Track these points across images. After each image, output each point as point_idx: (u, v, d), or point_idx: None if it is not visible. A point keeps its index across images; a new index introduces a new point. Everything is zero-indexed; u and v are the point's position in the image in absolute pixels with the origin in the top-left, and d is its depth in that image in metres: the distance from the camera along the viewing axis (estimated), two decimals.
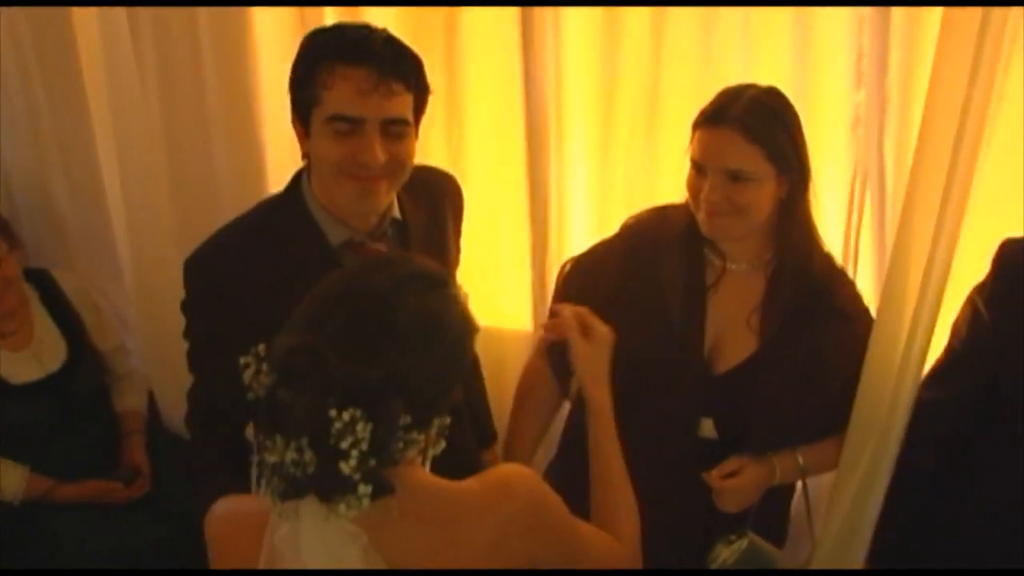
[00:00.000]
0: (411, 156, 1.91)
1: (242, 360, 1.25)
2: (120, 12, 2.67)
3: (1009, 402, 1.93)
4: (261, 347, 1.25)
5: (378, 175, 1.86)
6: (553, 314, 2.00)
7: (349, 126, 1.80)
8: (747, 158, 1.97)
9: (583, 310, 1.92)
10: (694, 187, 2.04)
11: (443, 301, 1.34)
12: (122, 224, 2.98)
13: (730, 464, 2.09)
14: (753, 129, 1.96)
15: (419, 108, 1.91)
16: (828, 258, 2.18)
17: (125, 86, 2.75)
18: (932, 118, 1.96)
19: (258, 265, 1.92)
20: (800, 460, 2.16)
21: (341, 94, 1.79)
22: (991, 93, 1.87)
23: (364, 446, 1.18)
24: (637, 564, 1.64)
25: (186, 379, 2.91)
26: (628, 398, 1.86)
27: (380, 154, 1.82)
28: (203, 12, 2.74)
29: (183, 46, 2.82)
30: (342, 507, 1.21)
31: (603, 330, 1.87)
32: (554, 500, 1.46)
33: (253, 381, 1.25)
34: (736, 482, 2.08)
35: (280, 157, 2.81)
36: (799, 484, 2.28)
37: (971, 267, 2.05)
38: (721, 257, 2.14)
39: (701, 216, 2.04)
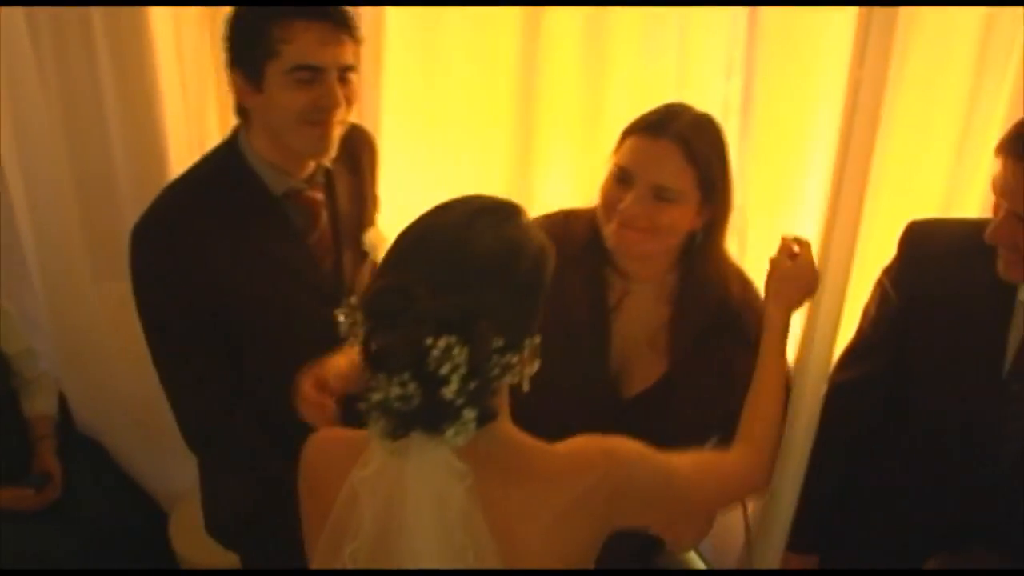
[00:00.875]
0: (356, 101, 2.02)
1: (336, 313, 1.30)
2: (18, 12, 2.59)
3: (916, 381, 1.94)
4: (352, 299, 1.30)
5: (334, 119, 1.96)
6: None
7: (311, 74, 1.90)
8: (680, 177, 1.87)
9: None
10: (612, 196, 1.90)
11: (516, 228, 1.37)
12: (27, 224, 2.88)
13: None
14: (694, 150, 1.86)
15: (358, 57, 2.00)
16: (745, 286, 2.07)
17: (25, 86, 2.66)
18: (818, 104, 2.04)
19: (207, 221, 1.98)
20: None
21: (303, 46, 1.89)
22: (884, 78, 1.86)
23: (463, 370, 1.21)
24: (762, 479, 1.81)
25: (98, 381, 2.91)
26: (539, 420, 1.78)
27: (342, 99, 1.94)
28: (96, 11, 2.67)
29: (79, 45, 2.74)
30: (450, 433, 1.24)
31: (807, 257, 1.94)
32: (641, 468, 1.47)
33: (350, 332, 1.29)
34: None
35: (180, 152, 2.78)
36: None
37: (885, 251, 2.04)
38: (623, 277, 2.04)
39: (611, 227, 1.91)
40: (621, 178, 1.89)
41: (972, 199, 2.26)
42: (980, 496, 1.87)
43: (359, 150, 2.24)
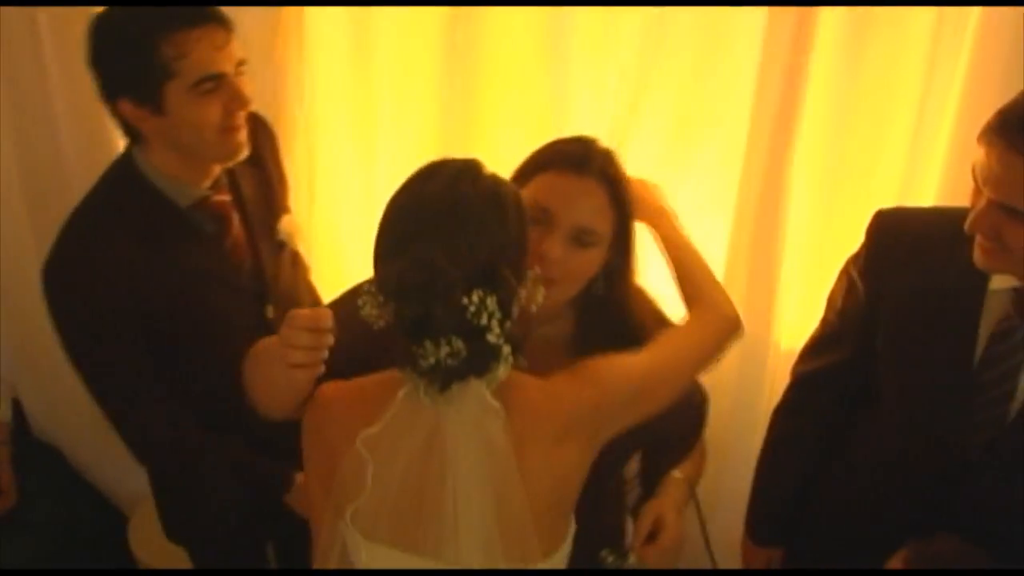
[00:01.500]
0: (252, 80, 1.94)
1: (359, 301, 1.39)
2: None
3: (883, 372, 1.92)
4: (370, 285, 1.39)
5: (242, 121, 1.91)
6: None
7: (215, 83, 1.83)
8: (603, 220, 1.70)
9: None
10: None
11: (489, 178, 1.47)
12: None
13: (644, 522, 1.89)
14: (617, 190, 1.71)
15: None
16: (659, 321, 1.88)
17: None
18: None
19: (118, 248, 1.90)
20: (678, 474, 1.98)
21: (200, 57, 1.80)
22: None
23: (498, 315, 1.35)
24: (732, 318, 1.78)
25: (55, 384, 2.85)
26: None
27: (248, 96, 1.88)
28: (42, 12, 2.60)
29: (25, 45, 2.67)
30: (501, 371, 1.39)
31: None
32: (616, 378, 1.56)
33: (372, 315, 1.39)
34: (668, 538, 1.88)
35: None
36: None
37: (846, 239, 2.03)
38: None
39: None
40: (540, 219, 1.66)
41: (928, 186, 2.25)
42: (949, 485, 1.85)
43: (258, 139, 2.13)
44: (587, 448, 1.55)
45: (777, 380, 2.41)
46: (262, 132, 2.17)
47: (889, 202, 2.21)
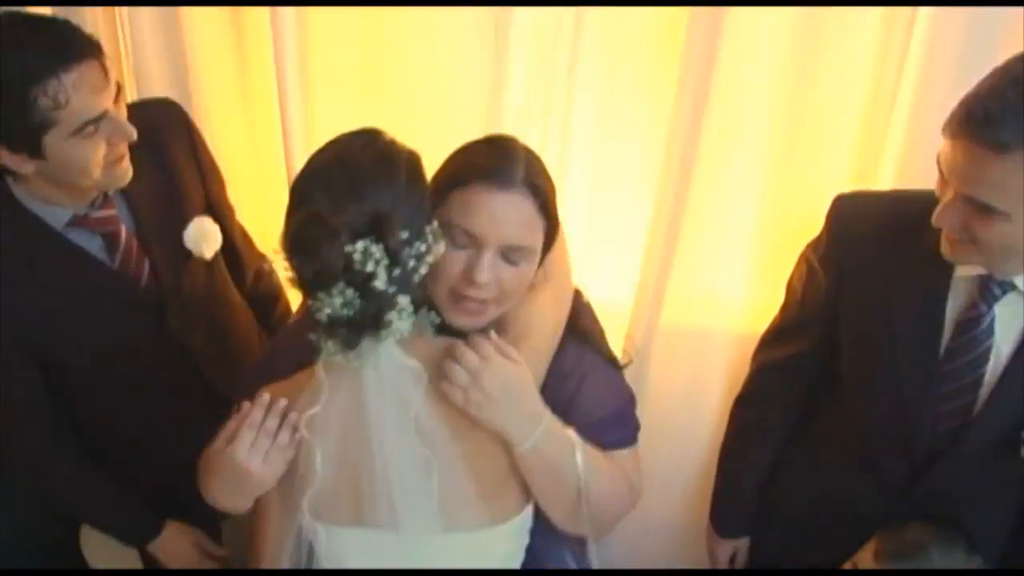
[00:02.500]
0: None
1: (264, 265, 1.46)
2: None
3: (847, 361, 1.87)
4: (273, 250, 1.41)
5: (126, 147, 1.81)
6: None
7: (95, 125, 1.71)
8: (532, 232, 1.55)
9: None
10: (454, 264, 1.52)
11: (384, 142, 1.49)
12: None
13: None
14: (543, 196, 1.54)
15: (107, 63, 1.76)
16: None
17: None
18: None
19: None
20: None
21: (78, 104, 1.67)
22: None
23: (384, 261, 1.36)
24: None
25: None
26: None
27: (130, 126, 1.77)
28: None
29: None
30: (392, 317, 1.39)
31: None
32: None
33: (289, 274, 1.41)
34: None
35: None
36: None
37: (804, 221, 1.98)
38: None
39: (455, 305, 1.56)
40: (463, 243, 1.52)
41: (886, 167, 2.19)
42: (917, 476, 1.81)
43: (164, 138, 2.01)
44: None
45: (730, 367, 2.36)
46: (171, 128, 2.05)
47: (845, 184, 2.16)
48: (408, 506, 1.47)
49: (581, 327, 1.71)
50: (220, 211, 2.12)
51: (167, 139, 2.01)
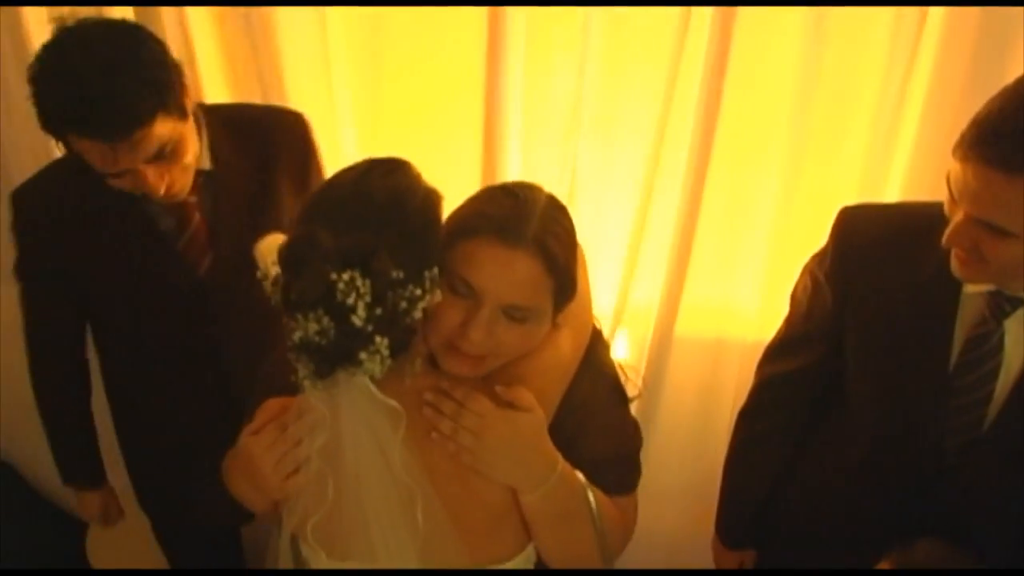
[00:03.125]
0: (191, 153, 1.84)
1: (258, 274, 1.37)
2: None
3: (854, 376, 1.82)
4: (272, 261, 1.37)
5: (170, 184, 1.82)
6: None
7: (118, 176, 1.77)
8: (538, 293, 1.44)
9: None
10: (451, 314, 1.43)
11: (405, 176, 1.42)
12: None
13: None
14: (553, 255, 1.42)
15: (174, 109, 1.76)
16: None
17: None
18: None
19: (68, 206, 1.93)
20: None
21: (94, 158, 1.73)
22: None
23: (367, 298, 1.28)
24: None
25: (8, 401, 2.75)
26: None
27: (160, 185, 1.79)
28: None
29: None
30: (364, 357, 1.30)
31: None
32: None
33: (272, 289, 1.35)
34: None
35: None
36: None
37: (810, 230, 1.95)
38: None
39: (449, 355, 1.46)
40: (463, 293, 1.43)
41: (893, 178, 2.15)
42: (925, 491, 1.77)
43: (274, 143, 2.04)
44: None
45: (743, 374, 2.32)
46: (289, 138, 2.07)
47: (852, 192, 2.13)
48: (387, 541, 1.41)
49: (593, 359, 1.62)
50: None
51: (279, 148, 2.03)
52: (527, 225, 1.41)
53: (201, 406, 2.12)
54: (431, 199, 1.42)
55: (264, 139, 2.02)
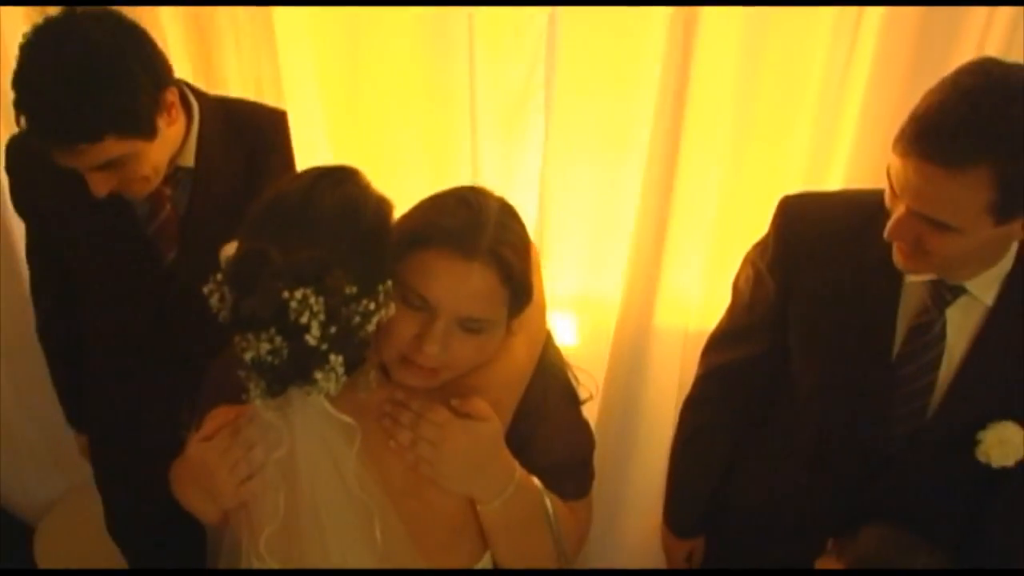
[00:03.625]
0: (147, 165, 1.81)
1: (205, 289, 1.30)
2: None
3: (798, 366, 1.82)
4: (218, 274, 1.31)
5: (123, 189, 1.83)
6: None
7: (72, 171, 1.76)
8: (493, 304, 1.41)
9: None
10: (404, 327, 1.38)
11: (355, 187, 1.38)
12: None
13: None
14: (508, 265, 1.39)
15: (132, 130, 1.73)
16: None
17: None
18: None
19: (53, 167, 1.81)
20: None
21: (55, 156, 1.72)
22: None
23: (321, 316, 1.24)
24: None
25: None
26: None
27: (103, 189, 1.78)
28: None
29: None
30: (319, 376, 1.26)
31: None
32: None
33: (219, 305, 1.30)
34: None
35: None
36: None
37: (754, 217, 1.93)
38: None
39: (401, 367, 1.42)
40: (417, 305, 1.38)
41: (836, 163, 2.14)
42: (870, 478, 1.77)
43: (261, 139, 2.02)
44: None
45: (686, 365, 2.32)
46: (275, 136, 2.06)
47: (795, 180, 2.12)
48: (345, 555, 1.38)
49: (545, 363, 1.59)
50: None
51: (267, 147, 2.02)
52: (481, 236, 1.37)
53: (161, 395, 2.07)
54: (383, 210, 1.39)
55: (254, 137, 2.00)
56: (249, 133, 2.01)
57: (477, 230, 1.37)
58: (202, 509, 1.47)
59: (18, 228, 2.30)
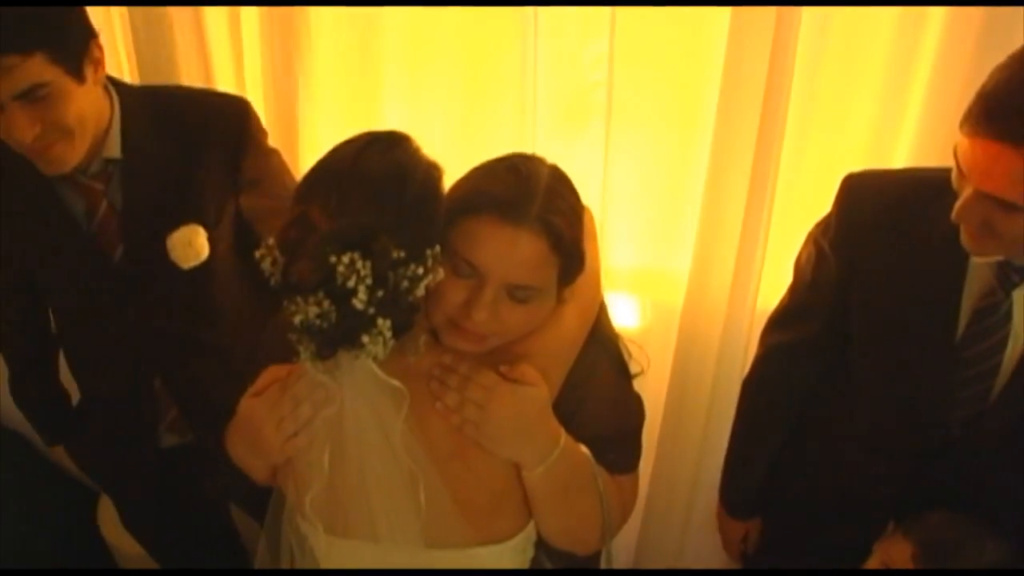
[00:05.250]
0: (72, 112, 1.73)
1: (257, 253, 1.31)
2: None
3: (860, 346, 1.78)
4: (270, 239, 1.32)
5: (44, 144, 1.73)
6: None
7: None
8: (543, 272, 1.40)
9: None
10: (453, 294, 1.38)
11: (404, 152, 1.37)
12: None
13: None
14: (558, 232, 1.37)
15: (63, 58, 1.68)
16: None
17: None
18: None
19: None
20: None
21: None
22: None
23: (368, 280, 1.24)
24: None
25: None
26: None
27: (28, 129, 1.69)
28: None
29: None
30: (366, 340, 1.26)
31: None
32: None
33: (270, 269, 1.30)
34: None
35: None
36: None
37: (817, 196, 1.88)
38: None
39: (450, 331, 1.42)
40: (466, 273, 1.38)
41: (900, 149, 2.09)
42: (930, 462, 1.73)
43: (201, 130, 1.95)
44: None
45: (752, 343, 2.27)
46: (220, 126, 1.97)
47: (860, 159, 2.07)
48: (389, 518, 1.39)
49: (597, 333, 1.57)
50: (253, 225, 1.99)
51: (204, 136, 1.94)
52: (530, 203, 1.36)
53: (126, 391, 2.11)
54: (432, 174, 1.38)
55: (186, 125, 1.93)
56: (182, 122, 1.93)
57: (526, 197, 1.36)
58: (251, 465, 1.49)
59: None
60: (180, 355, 2.04)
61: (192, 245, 1.93)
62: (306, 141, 2.38)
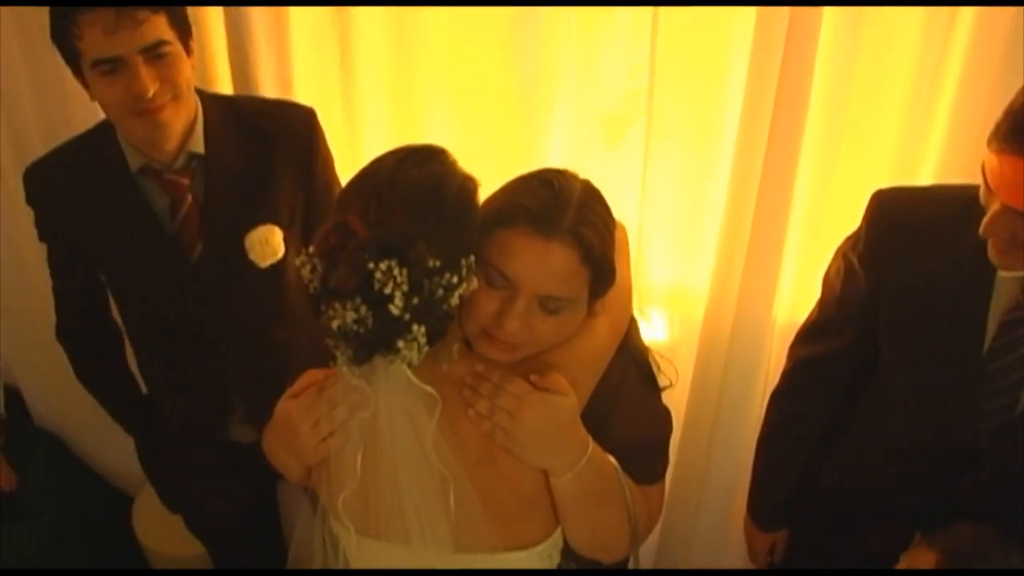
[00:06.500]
0: (184, 75, 1.85)
1: (298, 261, 1.34)
2: None
3: (887, 360, 1.79)
4: (311, 247, 1.34)
5: (158, 104, 1.82)
6: None
7: (111, 66, 1.77)
8: (574, 283, 1.42)
9: None
10: (486, 304, 1.40)
11: (440, 165, 1.41)
12: None
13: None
14: (589, 245, 1.40)
15: (178, 24, 1.83)
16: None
17: None
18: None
19: (71, 183, 1.99)
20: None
21: (92, 40, 1.75)
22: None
23: (405, 287, 1.27)
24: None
25: (55, 373, 2.75)
26: None
27: (149, 84, 1.78)
28: None
29: None
30: (401, 345, 1.29)
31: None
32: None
33: (310, 276, 1.33)
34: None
35: None
36: None
37: (844, 212, 1.91)
38: None
39: (483, 341, 1.44)
40: (499, 283, 1.40)
41: (928, 159, 2.10)
42: (957, 473, 1.74)
43: (275, 137, 2.01)
44: None
45: (774, 357, 2.28)
46: (289, 133, 2.03)
47: (887, 174, 2.08)
48: (420, 521, 1.42)
49: (627, 345, 1.60)
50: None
51: (278, 142, 2.01)
52: (562, 216, 1.38)
53: (197, 390, 2.15)
54: (467, 187, 1.40)
55: (262, 130, 2.00)
56: (256, 126, 2.01)
57: (558, 210, 1.39)
58: (287, 464, 1.53)
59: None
60: (250, 351, 2.08)
61: (269, 243, 1.98)
62: (348, 154, 2.40)
